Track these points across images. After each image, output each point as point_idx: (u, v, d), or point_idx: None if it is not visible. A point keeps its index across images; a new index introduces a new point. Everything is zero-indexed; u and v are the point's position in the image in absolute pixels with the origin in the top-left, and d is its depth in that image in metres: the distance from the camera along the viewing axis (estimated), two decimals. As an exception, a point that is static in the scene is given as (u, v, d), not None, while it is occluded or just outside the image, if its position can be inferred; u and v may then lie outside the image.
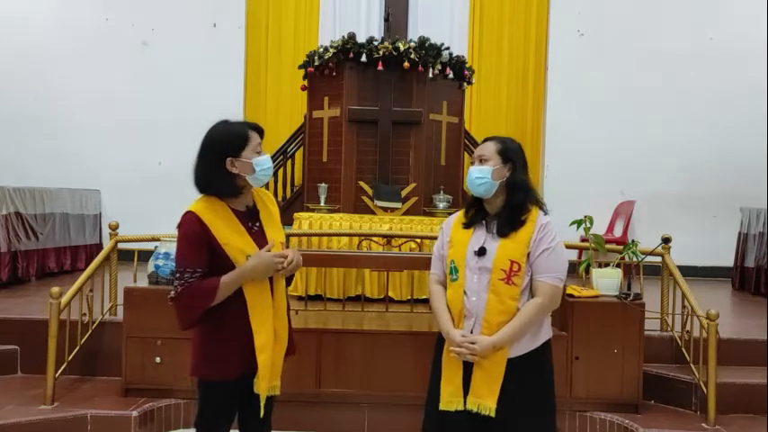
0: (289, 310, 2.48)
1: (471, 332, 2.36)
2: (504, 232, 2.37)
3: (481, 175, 2.39)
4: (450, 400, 2.37)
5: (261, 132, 2.41)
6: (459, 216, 2.54)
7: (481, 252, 2.36)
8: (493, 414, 2.31)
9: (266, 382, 2.33)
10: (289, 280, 2.54)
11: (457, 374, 2.37)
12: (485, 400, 2.33)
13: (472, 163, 2.47)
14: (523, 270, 2.35)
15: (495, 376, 2.33)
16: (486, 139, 2.54)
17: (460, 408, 2.35)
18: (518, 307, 2.35)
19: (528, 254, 2.36)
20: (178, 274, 2.28)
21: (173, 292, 2.30)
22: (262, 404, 2.35)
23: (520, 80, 8.24)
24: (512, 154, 2.44)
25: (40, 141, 7.90)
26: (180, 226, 2.32)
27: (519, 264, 2.34)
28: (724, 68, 7.77)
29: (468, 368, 2.36)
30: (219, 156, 2.30)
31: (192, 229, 2.28)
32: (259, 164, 2.32)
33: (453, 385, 2.37)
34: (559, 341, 3.68)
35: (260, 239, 2.33)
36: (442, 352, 2.46)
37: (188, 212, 2.30)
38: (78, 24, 7.99)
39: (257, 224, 2.38)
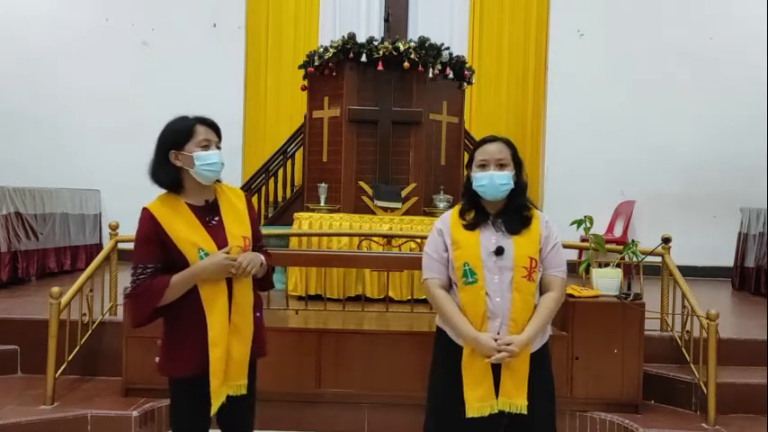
0: (260, 307, 2.45)
1: (498, 333, 2.33)
2: (515, 230, 2.39)
3: (506, 181, 2.39)
4: (479, 405, 2.32)
5: (214, 128, 2.39)
6: (454, 217, 2.49)
7: (499, 251, 2.36)
8: (525, 411, 2.31)
9: (218, 380, 2.28)
10: (266, 281, 2.52)
11: (485, 378, 2.33)
12: (515, 399, 2.32)
13: (483, 166, 2.40)
14: (538, 266, 2.39)
15: (521, 374, 2.33)
16: (491, 140, 2.48)
17: (494, 411, 2.32)
18: (535, 303, 2.38)
19: (540, 250, 2.40)
20: (131, 271, 2.31)
21: (127, 290, 2.31)
22: (213, 402, 2.28)
23: (520, 80, 8.23)
24: (518, 158, 2.47)
25: (40, 141, 7.90)
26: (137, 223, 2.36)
27: (536, 260, 2.37)
28: (724, 68, 7.77)
29: (492, 369, 2.34)
30: (165, 148, 2.35)
31: (143, 225, 2.32)
32: (199, 158, 2.31)
33: (483, 389, 2.33)
34: (559, 341, 3.69)
35: (218, 234, 2.32)
36: (445, 354, 2.43)
37: (143, 209, 2.34)
38: (78, 24, 7.99)
39: (216, 218, 2.36)
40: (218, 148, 2.37)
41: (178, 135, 2.35)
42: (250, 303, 2.38)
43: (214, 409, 2.30)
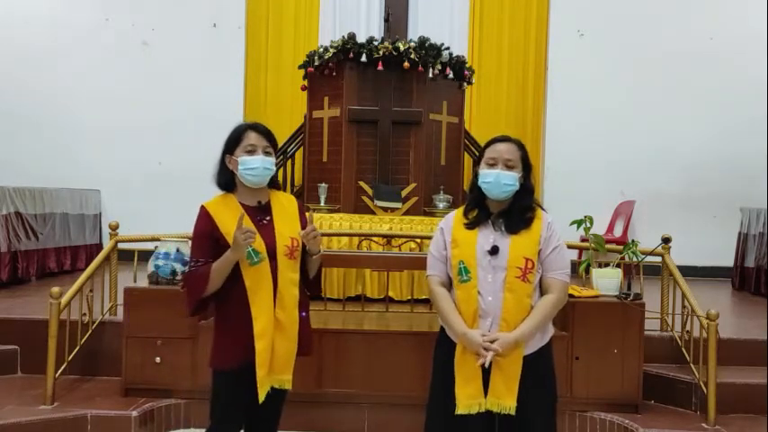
0: (304, 308, 2.55)
1: (489, 332, 2.34)
2: (514, 230, 2.39)
3: (512, 182, 2.40)
4: (469, 402, 2.34)
5: (265, 134, 2.52)
6: (457, 216, 2.51)
7: (494, 251, 2.36)
8: (513, 413, 2.31)
9: (263, 370, 2.39)
10: (316, 282, 2.65)
11: (476, 376, 2.34)
12: (504, 400, 2.33)
13: (491, 164, 2.41)
14: (536, 267, 2.38)
15: (512, 375, 2.33)
16: (502, 140, 2.48)
17: (482, 410, 2.33)
18: (531, 304, 2.37)
19: (539, 251, 2.39)
20: (189, 263, 2.54)
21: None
22: (260, 391, 2.40)
23: (520, 80, 8.23)
24: (528, 160, 2.48)
25: (40, 141, 7.90)
26: None
27: (532, 261, 2.36)
28: (724, 68, 7.77)
29: (484, 368, 2.34)
30: (223, 153, 2.53)
31: (199, 222, 2.49)
32: (243, 163, 2.45)
33: (473, 387, 2.34)
34: (559, 341, 3.67)
35: (267, 232, 2.44)
36: (445, 352, 2.43)
37: (200, 207, 2.52)
38: (78, 24, 7.99)
39: (267, 218, 2.49)
40: (267, 153, 2.49)
41: (231, 141, 2.51)
42: (295, 301, 2.49)
43: (261, 398, 2.41)
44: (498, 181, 2.38)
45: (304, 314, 2.54)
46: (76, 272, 6.44)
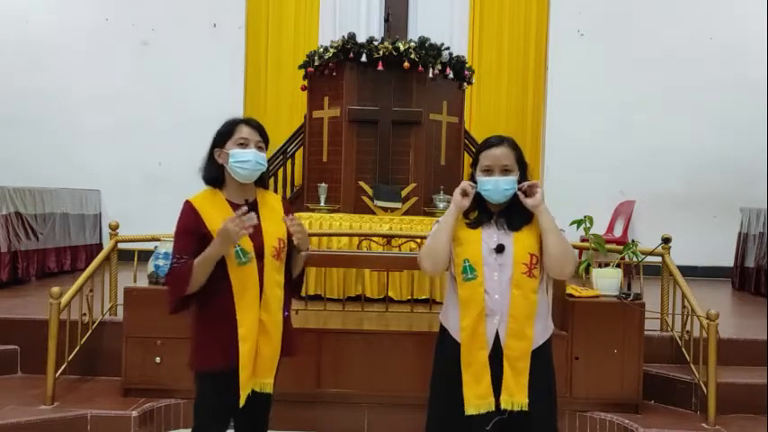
0: (287, 307, 2.47)
1: (496, 330, 2.34)
2: (516, 226, 2.40)
3: (511, 186, 2.40)
4: (478, 402, 2.32)
5: (258, 129, 2.46)
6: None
7: (500, 249, 2.37)
8: (526, 408, 2.31)
9: (247, 372, 2.33)
10: (299, 281, 2.59)
11: (484, 375, 2.33)
12: (516, 397, 2.31)
13: (487, 170, 2.41)
14: (540, 262, 2.39)
15: (522, 370, 2.33)
16: (496, 144, 2.46)
17: (492, 409, 2.32)
18: (537, 300, 2.37)
19: (541, 244, 2.39)
20: (171, 260, 2.41)
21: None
22: (242, 394, 2.33)
23: (520, 80, 8.24)
24: (523, 159, 2.48)
25: (41, 141, 7.90)
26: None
27: (537, 256, 2.37)
28: (724, 68, 7.77)
29: (492, 368, 2.34)
30: (212, 147, 2.46)
31: (184, 217, 2.39)
32: (234, 156, 2.38)
33: (482, 387, 2.33)
34: (559, 341, 3.68)
35: (256, 232, 2.34)
36: (447, 352, 2.42)
37: (185, 202, 2.42)
38: (78, 24, 7.99)
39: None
40: (260, 148, 2.43)
41: (222, 134, 2.45)
42: (279, 302, 2.41)
43: (242, 402, 2.35)
44: (497, 187, 2.40)
45: (286, 314, 2.46)
46: (76, 272, 6.44)
